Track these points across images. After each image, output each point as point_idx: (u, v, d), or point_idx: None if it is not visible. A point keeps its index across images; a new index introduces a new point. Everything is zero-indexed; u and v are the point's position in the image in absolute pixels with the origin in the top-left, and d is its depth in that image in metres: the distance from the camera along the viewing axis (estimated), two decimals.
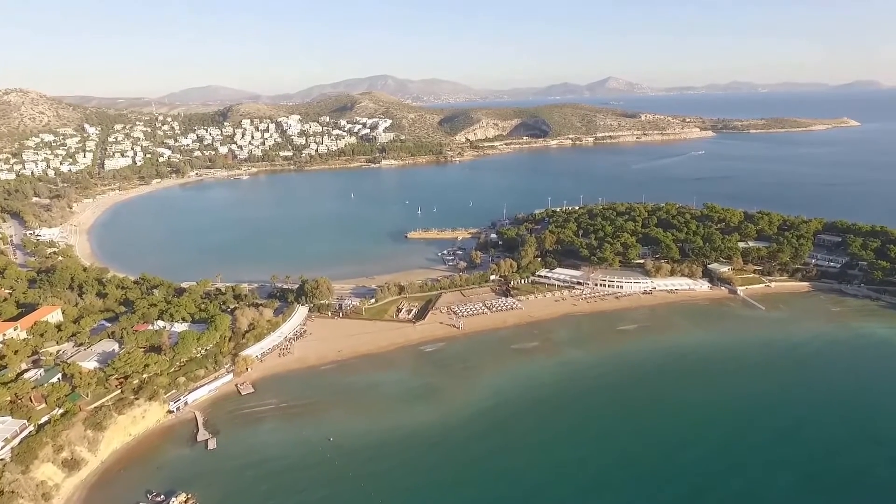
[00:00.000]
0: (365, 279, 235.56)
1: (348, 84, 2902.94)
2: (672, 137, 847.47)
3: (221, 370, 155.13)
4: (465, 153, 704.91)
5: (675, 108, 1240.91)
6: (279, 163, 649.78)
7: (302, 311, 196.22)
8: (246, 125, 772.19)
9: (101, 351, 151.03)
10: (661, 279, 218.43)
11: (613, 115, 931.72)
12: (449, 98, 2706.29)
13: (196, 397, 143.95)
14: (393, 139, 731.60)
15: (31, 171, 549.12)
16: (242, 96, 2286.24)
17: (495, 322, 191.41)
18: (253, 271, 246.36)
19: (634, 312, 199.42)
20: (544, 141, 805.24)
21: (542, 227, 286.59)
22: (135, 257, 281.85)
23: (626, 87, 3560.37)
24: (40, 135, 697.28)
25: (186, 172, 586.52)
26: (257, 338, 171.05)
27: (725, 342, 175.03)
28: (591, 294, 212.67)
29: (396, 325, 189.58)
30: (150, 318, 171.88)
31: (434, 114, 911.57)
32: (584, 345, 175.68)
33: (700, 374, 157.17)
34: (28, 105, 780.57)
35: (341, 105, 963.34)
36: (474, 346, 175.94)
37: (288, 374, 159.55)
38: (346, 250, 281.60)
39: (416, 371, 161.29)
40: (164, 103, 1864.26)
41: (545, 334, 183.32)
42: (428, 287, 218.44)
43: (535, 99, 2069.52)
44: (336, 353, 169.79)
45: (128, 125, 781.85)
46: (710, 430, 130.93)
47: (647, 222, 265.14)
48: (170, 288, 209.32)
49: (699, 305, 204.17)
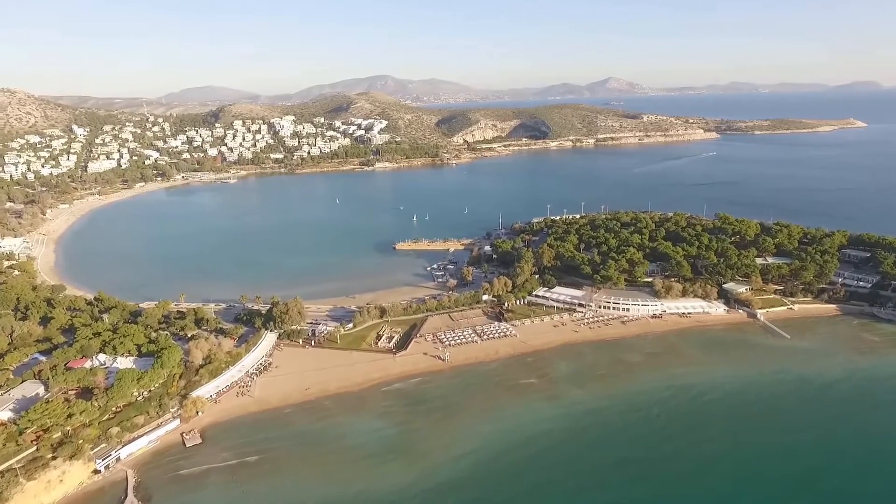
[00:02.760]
0: (345, 298, 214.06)
1: (348, 84, 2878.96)
2: (675, 139, 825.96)
3: (166, 415, 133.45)
4: (462, 155, 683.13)
5: (677, 109, 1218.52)
6: (269, 165, 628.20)
7: (270, 338, 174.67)
8: (238, 126, 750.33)
9: (20, 396, 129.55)
10: (672, 301, 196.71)
11: (615, 115, 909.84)
12: (448, 98, 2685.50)
13: (131, 451, 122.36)
14: (388, 141, 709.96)
15: (10, 175, 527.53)
16: (242, 97, 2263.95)
17: (486, 352, 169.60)
18: (223, 288, 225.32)
19: (643, 341, 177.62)
20: (544, 142, 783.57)
21: (541, 238, 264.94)
22: (100, 271, 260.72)
23: (627, 87, 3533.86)
24: (25, 136, 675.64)
25: (172, 176, 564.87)
26: (213, 374, 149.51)
27: (748, 378, 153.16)
28: (593, 318, 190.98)
29: (374, 356, 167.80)
30: (90, 352, 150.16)
31: (432, 114, 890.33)
32: (587, 382, 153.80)
33: (720, 420, 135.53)
34: (15, 105, 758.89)
35: (337, 106, 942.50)
36: (461, 383, 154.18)
37: (245, 418, 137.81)
38: (328, 264, 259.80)
39: (393, 416, 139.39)
40: (161, 104, 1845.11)
41: (542, 368, 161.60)
42: (413, 309, 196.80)
43: (534, 99, 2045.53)
44: (303, 393, 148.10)
45: (117, 126, 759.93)
46: (738, 499, 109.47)
47: (655, 235, 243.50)
48: (124, 311, 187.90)
49: (715, 332, 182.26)
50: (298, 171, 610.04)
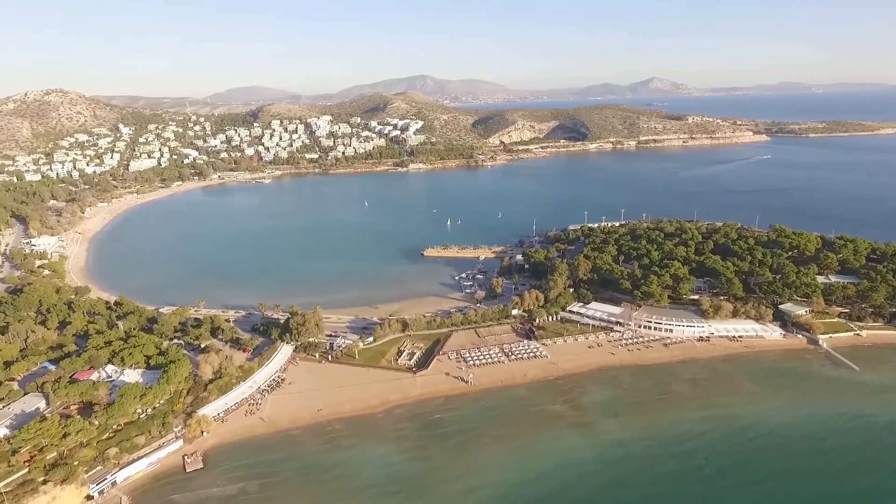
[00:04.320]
0: (367, 309, 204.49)
1: (387, 84, 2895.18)
2: (722, 142, 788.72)
3: (169, 435, 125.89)
4: (497, 157, 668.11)
5: (723, 110, 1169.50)
6: (304, 165, 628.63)
7: (285, 351, 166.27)
8: (275, 126, 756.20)
9: (19, 411, 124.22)
10: (721, 322, 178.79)
11: (658, 117, 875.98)
12: (487, 98, 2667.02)
13: (129, 475, 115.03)
14: (423, 142, 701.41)
15: (56, 173, 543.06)
16: (284, 97, 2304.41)
17: (513, 375, 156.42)
18: (244, 293, 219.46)
19: (688, 367, 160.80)
20: (583, 144, 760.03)
21: (577, 248, 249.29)
22: (127, 272, 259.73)
23: (671, 87, 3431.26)
24: (75, 135, 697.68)
25: (209, 175, 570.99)
26: (222, 390, 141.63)
27: (808, 416, 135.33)
28: (632, 339, 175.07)
29: (393, 374, 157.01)
30: (98, 363, 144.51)
31: (468, 115, 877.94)
32: (624, 414, 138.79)
33: (775, 464, 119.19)
34: (66, 105, 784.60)
35: (374, 106, 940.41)
36: (483, 408, 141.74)
37: (250, 441, 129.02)
38: (353, 270, 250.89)
39: (407, 444, 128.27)
40: (206, 103, 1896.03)
41: (575, 395, 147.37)
42: (437, 323, 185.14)
43: (574, 100, 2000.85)
44: (314, 414, 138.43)
45: (160, 125, 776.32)
46: None
47: (702, 248, 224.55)
48: (141, 317, 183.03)
49: (770, 360, 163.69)
50: (332, 172, 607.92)
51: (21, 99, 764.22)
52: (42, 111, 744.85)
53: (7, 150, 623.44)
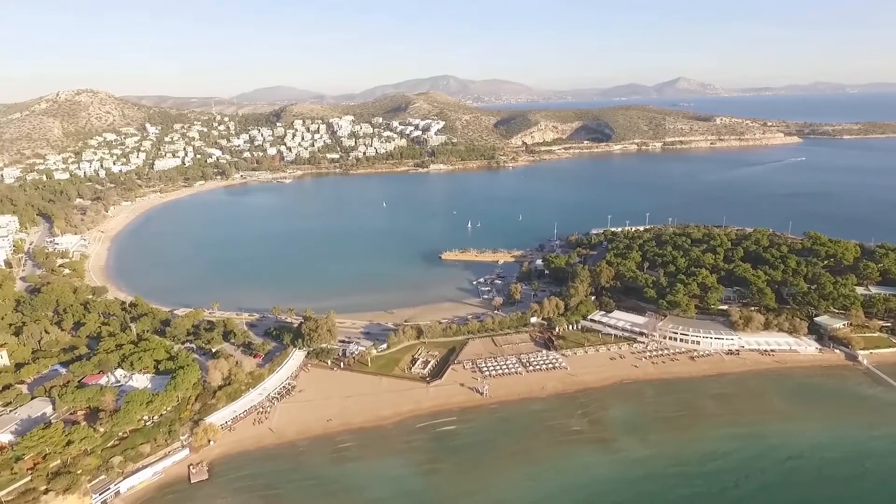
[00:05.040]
0: (382, 314, 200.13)
1: (410, 84, 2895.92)
2: (752, 143, 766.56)
3: (175, 443, 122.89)
4: (519, 158, 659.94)
5: (753, 111, 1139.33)
6: (325, 165, 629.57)
7: (297, 357, 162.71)
8: (298, 126, 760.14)
9: (25, 416, 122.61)
10: (752, 335, 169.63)
11: (684, 117, 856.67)
12: (510, 99, 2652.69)
13: (132, 484, 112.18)
14: (444, 142, 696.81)
15: (83, 172, 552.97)
16: (309, 97, 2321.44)
17: (530, 387, 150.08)
18: (259, 296, 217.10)
19: (715, 382, 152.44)
20: (607, 146, 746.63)
21: (599, 253, 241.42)
22: (145, 273, 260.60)
23: (698, 87, 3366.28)
24: (103, 134, 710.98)
25: (231, 175, 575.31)
26: (231, 397, 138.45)
27: (848, 439, 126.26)
28: (657, 351, 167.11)
29: (406, 384, 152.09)
30: (108, 367, 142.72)
31: (490, 115, 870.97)
32: (648, 432, 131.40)
33: (811, 490, 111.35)
34: (96, 105, 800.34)
35: (396, 106, 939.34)
36: (499, 423, 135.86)
37: (257, 452, 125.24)
38: (369, 273, 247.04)
39: (417, 458, 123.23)
40: (232, 103, 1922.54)
41: (595, 410, 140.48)
42: (452, 331, 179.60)
43: (598, 100, 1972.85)
44: (323, 424, 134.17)
45: (186, 125, 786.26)
46: None
47: (732, 255, 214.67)
48: (155, 319, 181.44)
49: (805, 376, 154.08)
50: (353, 172, 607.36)
51: (53, 99, 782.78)
52: (73, 111, 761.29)
53: (38, 149, 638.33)
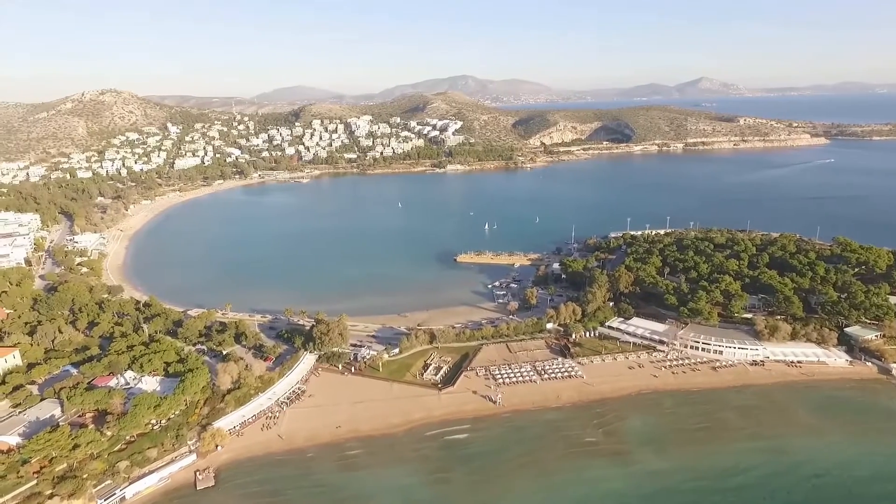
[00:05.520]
0: (396, 317, 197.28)
1: (429, 84, 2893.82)
2: (777, 145, 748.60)
3: (182, 448, 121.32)
4: (537, 159, 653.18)
5: (778, 112, 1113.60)
6: (342, 165, 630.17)
7: (308, 360, 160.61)
8: (316, 125, 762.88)
9: (34, 418, 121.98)
10: (778, 345, 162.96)
11: (706, 118, 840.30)
12: (529, 99, 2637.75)
13: (138, 490, 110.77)
14: (462, 142, 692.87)
15: (106, 170, 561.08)
16: (328, 96, 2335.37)
17: (545, 396, 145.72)
18: (272, 297, 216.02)
19: (739, 394, 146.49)
20: (627, 146, 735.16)
21: (618, 258, 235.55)
22: (161, 272, 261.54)
23: (721, 87, 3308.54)
24: (126, 133, 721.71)
25: (250, 174, 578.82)
26: (240, 401, 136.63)
27: (882, 458, 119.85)
28: (677, 360, 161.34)
29: (417, 390, 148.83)
30: (118, 369, 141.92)
31: (509, 115, 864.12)
32: (666, 445, 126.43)
33: None
34: (120, 105, 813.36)
35: (414, 106, 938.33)
36: (511, 432, 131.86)
37: (264, 459, 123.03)
38: (383, 275, 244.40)
39: (426, 468, 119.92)
40: (253, 103, 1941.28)
41: (612, 421, 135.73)
42: (466, 336, 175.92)
43: (618, 100, 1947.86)
44: (332, 431, 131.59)
45: (206, 124, 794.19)
46: None
47: (756, 261, 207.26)
48: (167, 320, 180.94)
49: (835, 390, 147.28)
50: (370, 172, 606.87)
51: (78, 99, 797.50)
52: (97, 110, 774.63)
53: (63, 148, 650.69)
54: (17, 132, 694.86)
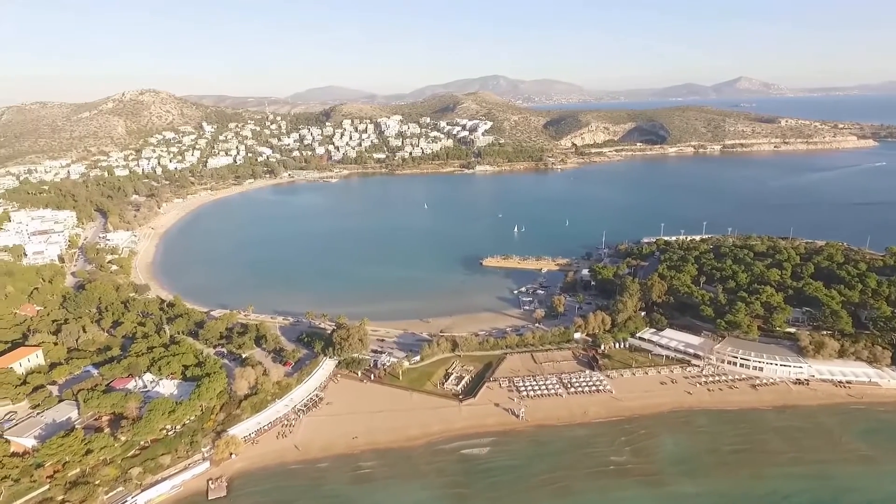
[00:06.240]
0: (418, 322, 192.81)
1: (460, 84, 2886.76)
2: (821, 147, 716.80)
3: (196, 456, 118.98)
4: (568, 160, 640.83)
5: (821, 112, 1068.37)
6: (371, 165, 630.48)
7: (327, 366, 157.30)
8: (346, 125, 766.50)
9: (50, 420, 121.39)
10: (825, 363, 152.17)
11: (746, 119, 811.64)
12: (561, 99, 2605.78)
13: (150, 497, 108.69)
14: (491, 143, 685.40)
15: (142, 169, 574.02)
16: (360, 96, 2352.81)
17: (571, 411, 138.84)
18: (295, 299, 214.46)
19: (781, 416, 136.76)
20: (661, 148, 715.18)
21: (651, 265, 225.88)
22: (187, 271, 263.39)
23: (761, 87, 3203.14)
24: (163, 132, 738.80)
25: (280, 173, 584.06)
26: (256, 408, 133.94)
27: None
28: (714, 376, 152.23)
29: (437, 401, 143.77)
30: (137, 371, 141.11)
31: (540, 116, 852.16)
32: (700, 469, 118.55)
33: None
34: (157, 104, 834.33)
35: (444, 106, 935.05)
36: (534, 448, 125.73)
37: (278, 469, 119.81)
38: (407, 278, 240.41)
39: (445, 483, 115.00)
40: (287, 102, 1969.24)
41: (642, 440, 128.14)
42: (489, 344, 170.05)
43: (653, 101, 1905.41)
44: (348, 442, 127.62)
45: (240, 124, 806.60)
46: None
47: (800, 271, 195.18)
48: (189, 321, 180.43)
49: (887, 414, 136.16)
50: (398, 172, 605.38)
51: (119, 98, 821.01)
52: (136, 110, 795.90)
53: (103, 146, 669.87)
54: (61, 131, 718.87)
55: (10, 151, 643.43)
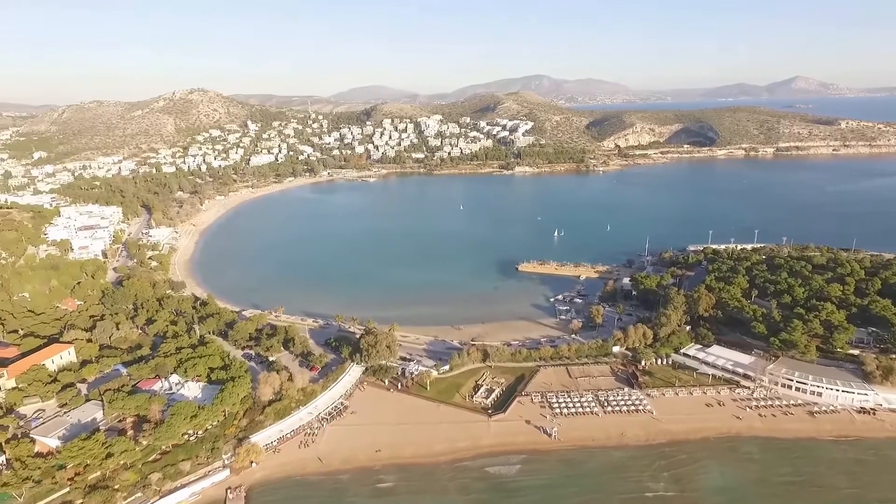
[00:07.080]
0: (449, 329, 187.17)
1: (502, 84, 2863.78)
2: (885, 150, 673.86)
3: (216, 463, 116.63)
4: (611, 162, 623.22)
5: (885, 114, 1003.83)
6: (409, 165, 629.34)
7: (354, 373, 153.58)
8: (386, 124, 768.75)
9: (76, 420, 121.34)
10: (893, 390, 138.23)
11: (802, 120, 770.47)
12: (605, 99, 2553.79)
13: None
14: (531, 143, 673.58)
15: (188, 166, 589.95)
16: (402, 96, 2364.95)
17: (607, 432, 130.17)
18: (326, 300, 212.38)
19: (841, 448, 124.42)
20: (710, 150, 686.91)
21: (697, 275, 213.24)
22: (223, 269, 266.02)
23: (818, 87, 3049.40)
24: (209, 130, 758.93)
25: (319, 171, 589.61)
26: (279, 414, 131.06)
27: None
28: (765, 400, 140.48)
29: (465, 414, 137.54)
30: (164, 372, 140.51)
31: (582, 116, 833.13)
32: (747, 501, 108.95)
33: None
34: (205, 103, 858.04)
35: (484, 105, 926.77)
36: (567, 471, 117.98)
37: (298, 481, 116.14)
38: (440, 282, 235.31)
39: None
40: (330, 101, 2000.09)
41: (683, 466, 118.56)
42: (522, 355, 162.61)
43: (701, 101, 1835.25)
44: (371, 455, 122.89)
45: (283, 122, 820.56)
46: None
47: (866, 287, 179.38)
48: (220, 321, 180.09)
49: None
50: (436, 172, 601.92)
51: (169, 97, 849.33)
52: (185, 108, 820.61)
53: (153, 144, 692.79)
54: (114, 129, 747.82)
55: (68, 148, 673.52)
